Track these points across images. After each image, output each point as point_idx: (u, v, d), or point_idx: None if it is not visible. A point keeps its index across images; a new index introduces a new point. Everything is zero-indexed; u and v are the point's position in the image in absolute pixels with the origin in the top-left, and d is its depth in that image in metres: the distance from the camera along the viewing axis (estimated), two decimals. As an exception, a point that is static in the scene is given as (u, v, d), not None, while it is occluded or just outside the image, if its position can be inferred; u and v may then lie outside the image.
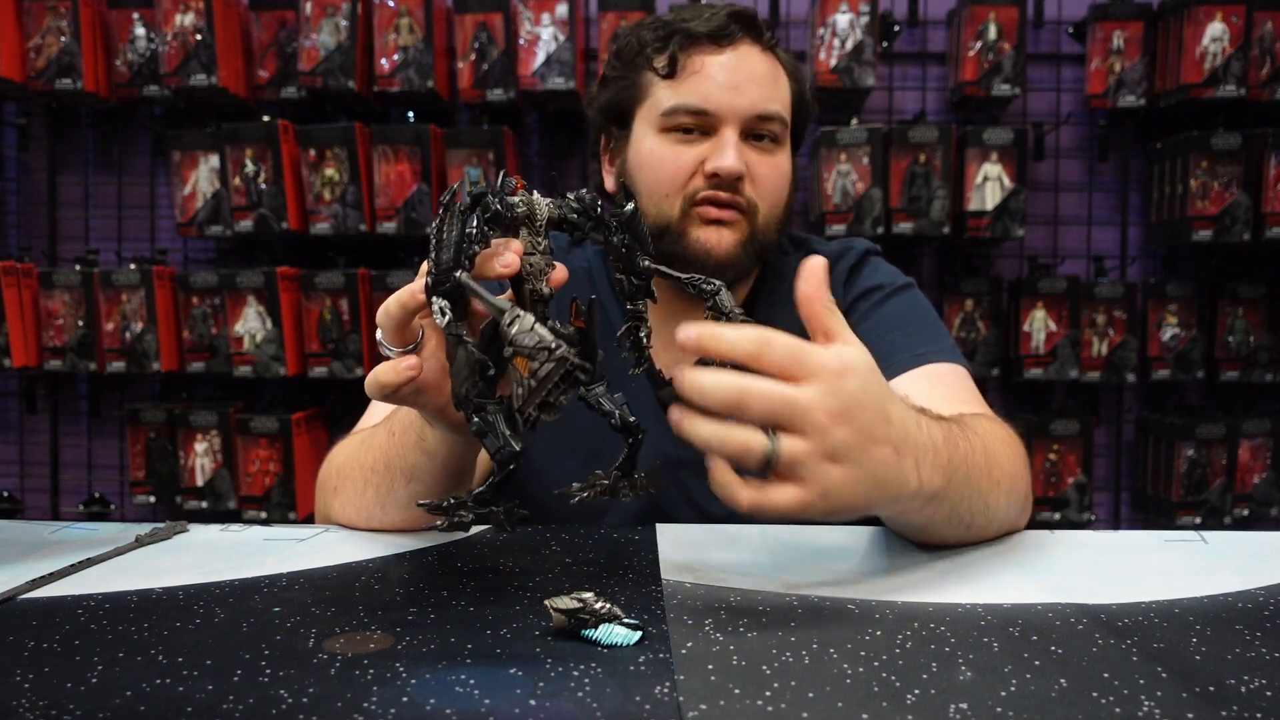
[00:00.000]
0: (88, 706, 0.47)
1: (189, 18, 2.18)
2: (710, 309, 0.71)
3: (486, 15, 2.18)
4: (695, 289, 0.72)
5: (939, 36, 2.35)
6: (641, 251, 0.71)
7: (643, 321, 0.74)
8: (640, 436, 0.71)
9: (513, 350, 0.55)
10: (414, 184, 2.20)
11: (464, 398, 0.61)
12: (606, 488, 0.70)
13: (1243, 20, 2.11)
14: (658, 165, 1.02)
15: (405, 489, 0.80)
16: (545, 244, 0.68)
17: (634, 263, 0.71)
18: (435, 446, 0.77)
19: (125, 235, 2.46)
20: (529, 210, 0.67)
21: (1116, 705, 0.47)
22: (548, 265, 0.67)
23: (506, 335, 0.56)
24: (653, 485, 0.72)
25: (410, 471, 0.79)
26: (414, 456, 0.78)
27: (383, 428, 0.84)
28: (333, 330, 2.26)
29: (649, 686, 0.49)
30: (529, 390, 0.55)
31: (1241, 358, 2.29)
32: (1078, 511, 2.27)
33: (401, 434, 0.79)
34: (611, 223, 0.70)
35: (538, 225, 0.67)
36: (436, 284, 0.61)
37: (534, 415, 0.56)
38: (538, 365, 0.55)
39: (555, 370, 0.55)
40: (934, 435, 0.65)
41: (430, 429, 0.76)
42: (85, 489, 2.51)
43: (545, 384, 0.55)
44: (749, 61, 1.01)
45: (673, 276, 0.72)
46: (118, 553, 0.76)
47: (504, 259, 0.64)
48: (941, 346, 1.02)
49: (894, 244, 2.26)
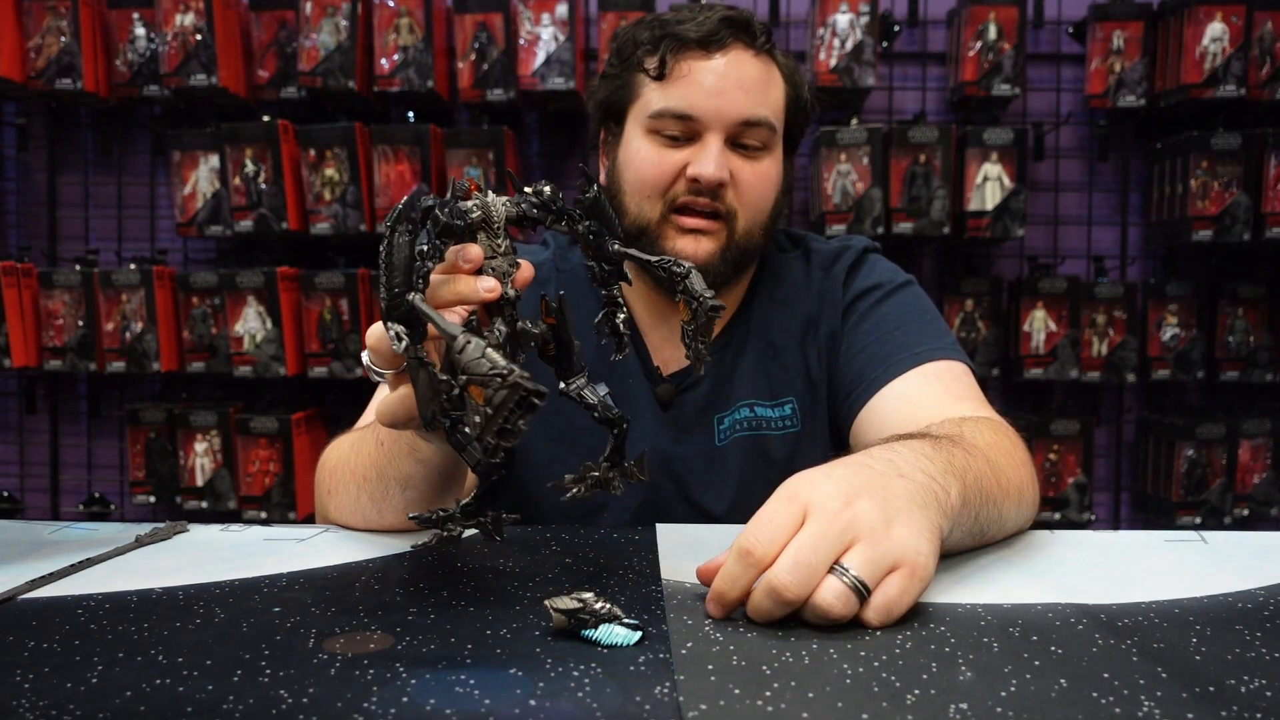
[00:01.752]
0: (88, 706, 0.47)
1: (189, 18, 2.18)
2: (681, 292, 0.69)
3: (486, 15, 2.18)
4: (666, 272, 0.69)
5: (939, 36, 2.35)
6: (610, 235, 0.69)
7: (618, 307, 0.72)
8: (625, 427, 0.70)
9: (466, 379, 0.53)
10: (414, 184, 2.20)
11: (431, 418, 0.59)
12: (597, 480, 0.70)
13: (1243, 20, 2.11)
14: (642, 166, 1.02)
15: (401, 496, 0.80)
16: (505, 244, 0.66)
17: (603, 248, 0.69)
18: (430, 455, 0.77)
19: (125, 235, 2.46)
20: (484, 213, 0.65)
21: (1116, 705, 0.47)
22: (511, 266, 0.66)
23: (459, 363, 0.54)
24: (642, 473, 0.71)
25: (404, 480, 0.79)
26: (407, 466, 0.78)
27: (369, 435, 0.83)
28: (333, 330, 2.26)
29: (649, 686, 0.49)
30: (485, 418, 0.53)
31: (1241, 358, 2.29)
32: (1078, 511, 2.27)
33: (391, 444, 0.79)
34: (575, 212, 0.68)
35: (495, 227, 0.65)
36: (390, 309, 0.59)
37: (493, 443, 0.53)
38: (491, 392, 0.52)
39: (509, 397, 0.52)
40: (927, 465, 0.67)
41: (422, 440, 0.75)
42: (85, 489, 2.51)
43: (501, 411, 0.52)
44: (738, 67, 1.01)
45: (642, 260, 0.70)
46: (118, 553, 0.76)
47: (485, 284, 0.63)
48: (942, 344, 1.02)
49: (894, 244, 2.26)
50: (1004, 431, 0.85)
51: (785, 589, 0.56)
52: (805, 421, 1.07)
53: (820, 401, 1.08)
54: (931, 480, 0.65)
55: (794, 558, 0.56)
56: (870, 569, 0.57)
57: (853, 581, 0.57)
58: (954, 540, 0.69)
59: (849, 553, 0.57)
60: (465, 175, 2.21)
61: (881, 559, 0.58)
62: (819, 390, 1.08)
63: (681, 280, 0.68)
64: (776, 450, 1.06)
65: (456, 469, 0.79)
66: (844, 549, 0.58)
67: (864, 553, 0.57)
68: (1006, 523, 0.77)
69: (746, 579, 0.58)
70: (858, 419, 1.01)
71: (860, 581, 0.57)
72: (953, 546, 0.70)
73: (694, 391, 1.07)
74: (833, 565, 0.57)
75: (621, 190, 1.04)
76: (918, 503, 0.62)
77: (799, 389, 1.08)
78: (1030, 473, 0.83)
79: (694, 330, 0.69)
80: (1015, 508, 0.78)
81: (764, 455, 1.06)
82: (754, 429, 1.06)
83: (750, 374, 1.07)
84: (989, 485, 0.72)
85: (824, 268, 1.11)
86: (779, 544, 0.57)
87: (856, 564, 0.57)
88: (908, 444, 0.70)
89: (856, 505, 0.59)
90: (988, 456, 0.75)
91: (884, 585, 0.58)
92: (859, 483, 0.61)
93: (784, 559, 0.57)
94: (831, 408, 1.08)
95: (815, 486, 0.60)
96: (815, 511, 0.58)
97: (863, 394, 1.01)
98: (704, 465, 1.05)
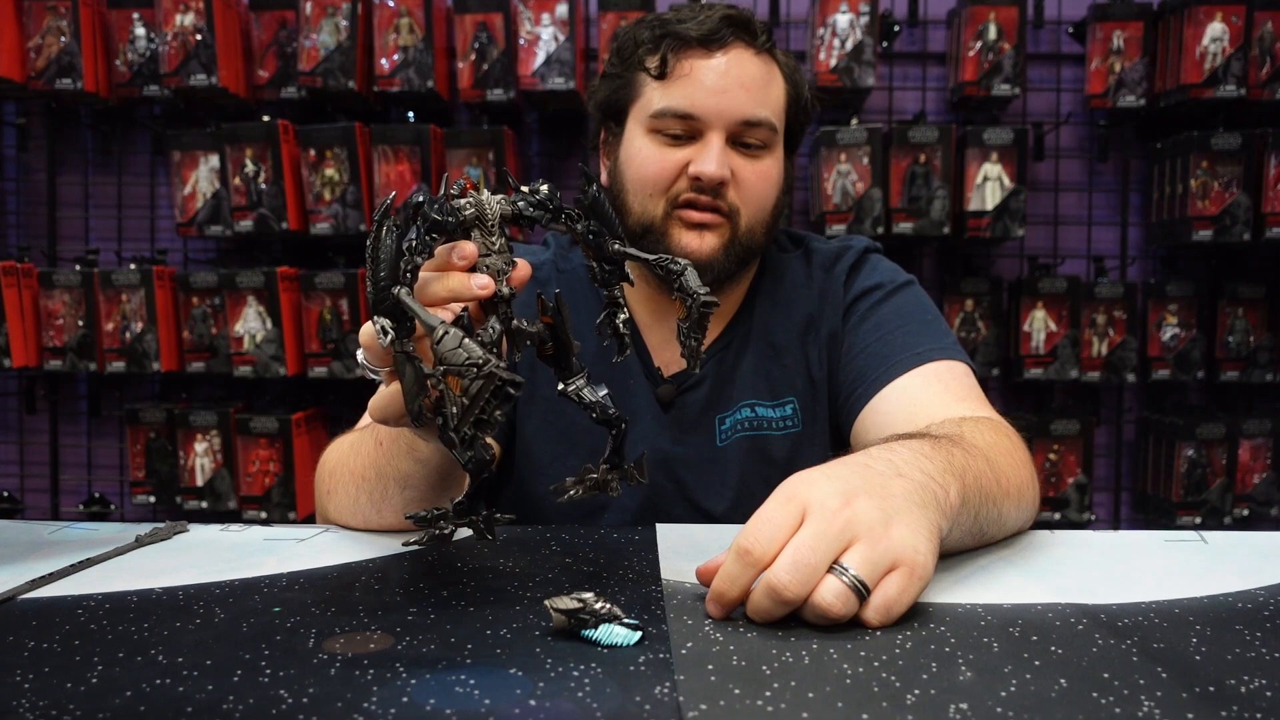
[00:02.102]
0: (88, 706, 0.47)
1: (189, 18, 2.18)
2: (677, 289, 0.68)
3: (486, 15, 2.18)
4: (663, 269, 0.69)
5: (939, 36, 2.35)
6: (610, 235, 0.69)
7: (620, 308, 0.72)
8: (624, 428, 0.70)
9: (444, 369, 0.54)
10: (414, 184, 2.20)
11: (418, 413, 0.59)
12: (596, 482, 0.70)
13: (1243, 20, 2.11)
14: (644, 165, 1.02)
15: (400, 495, 0.80)
16: (500, 243, 0.66)
17: (603, 248, 0.69)
18: (429, 455, 0.77)
19: (125, 235, 2.46)
20: (478, 211, 0.65)
21: (1116, 705, 0.47)
22: (506, 264, 0.65)
23: (437, 353, 0.54)
24: (641, 475, 0.71)
25: (403, 480, 0.79)
26: (406, 465, 0.78)
27: (369, 435, 0.84)
28: (332, 330, 2.26)
29: (649, 686, 0.49)
30: (461, 408, 0.54)
31: (1241, 358, 2.29)
32: (1078, 511, 2.27)
33: (390, 444, 0.79)
34: (574, 211, 0.68)
35: (490, 225, 0.65)
36: (377, 303, 0.59)
37: (469, 433, 0.54)
38: (468, 382, 0.53)
39: (485, 387, 0.53)
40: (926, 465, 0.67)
41: (420, 439, 0.76)
42: (85, 489, 2.50)
43: (477, 401, 0.53)
44: (739, 66, 1.01)
45: (641, 259, 0.70)
46: (118, 553, 0.76)
47: (479, 280, 0.63)
48: (942, 344, 1.02)
49: (894, 244, 2.26)
50: (1004, 431, 0.85)
51: (784, 588, 0.56)
52: (806, 422, 1.07)
53: (821, 402, 1.08)
54: (931, 480, 0.65)
55: (793, 557, 0.56)
56: (869, 568, 0.57)
57: (852, 581, 0.57)
58: (954, 540, 0.69)
59: (848, 552, 0.57)
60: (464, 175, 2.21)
61: (881, 558, 0.58)
62: (820, 390, 1.08)
63: (678, 277, 0.68)
64: (777, 450, 1.06)
65: (455, 469, 0.79)
66: (843, 548, 0.58)
67: (863, 552, 0.57)
68: (1006, 522, 0.77)
69: (745, 578, 0.58)
70: (858, 419, 1.01)
71: (860, 581, 0.57)
72: (952, 546, 0.70)
73: (695, 392, 1.07)
74: (832, 565, 0.57)
75: (624, 189, 1.04)
76: (916, 502, 0.62)
77: (800, 389, 1.08)
78: (1030, 473, 0.83)
79: (689, 326, 0.69)
80: (1015, 507, 0.78)
81: (765, 455, 1.06)
82: (755, 429, 1.06)
83: (751, 374, 1.08)
84: (988, 485, 0.72)
85: (825, 268, 1.11)
86: (778, 543, 0.57)
87: (856, 563, 0.57)
88: (907, 444, 0.70)
89: (855, 505, 0.59)
90: (987, 456, 0.75)
91: (883, 585, 0.58)
92: (858, 482, 0.61)
93: (783, 558, 0.57)
94: (832, 408, 1.08)
95: (814, 486, 0.60)
96: (814, 511, 0.58)
97: (863, 394, 1.01)
98: (704, 466, 1.05)
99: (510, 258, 0.66)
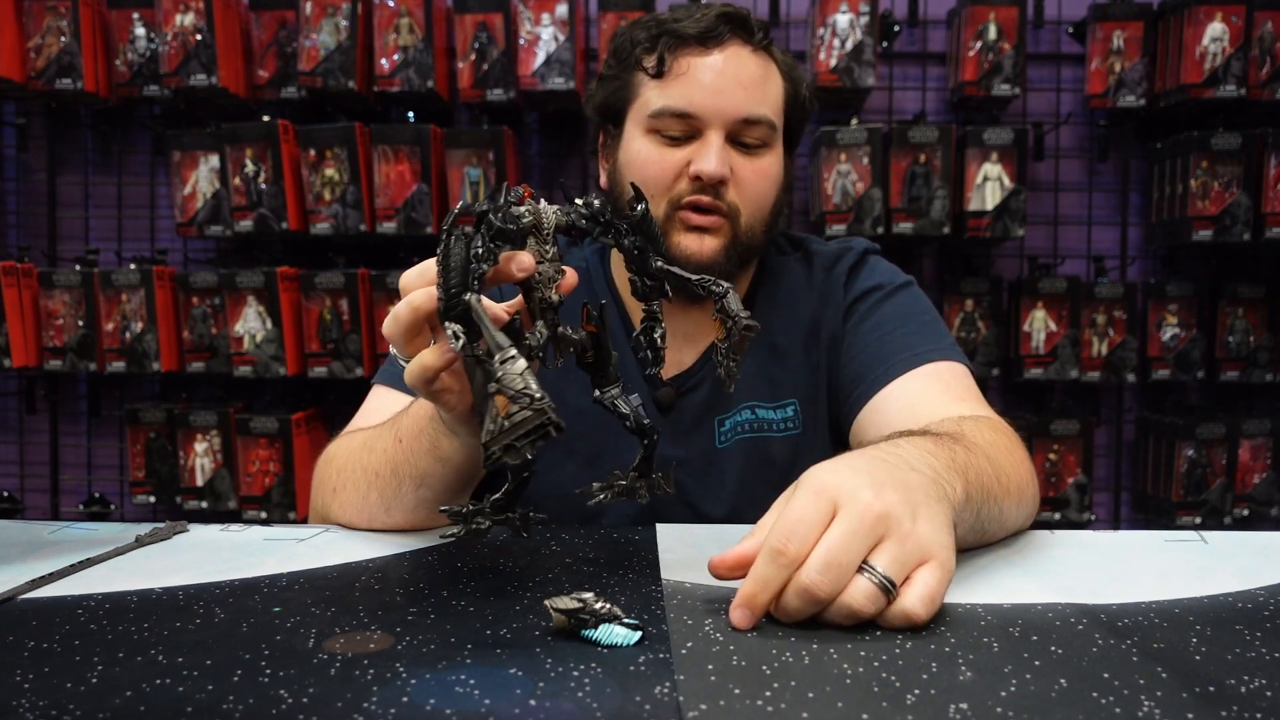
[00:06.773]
0: (88, 706, 0.47)
1: (189, 18, 2.18)
2: (719, 311, 0.72)
3: (486, 15, 2.18)
4: (705, 290, 0.72)
5: (939, 36, 2.35)
6: (654, 252, 0.72)
7: (657, 322, 0.74)
8: (656, 438, 0.72)
9: (497, 387, 0.55)
10: (414, 184, 2.20)
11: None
12: (624, 489, 0.72)
13: (1243, 20, 2.11)
14: (644, 166, 1.02)
15: (414, 494, 0.80)
16: (553, 251, 0.68)
17: (647, 264, 0.72)
18: (451, 454, 0.77)
19: (125, 235, 2.46)
20: (536, 219, 0.67)
21: (1116, 705, 0.47)
22: (556, 273, 0.68)
23: (495, 371, 0.56)
24: (668, 484, 0.73)
25: (421, 478, 0.79)
26: (426, 463, 0.78)
27: (387, 432, 0.83)
28: (333, 330, 2.26)
29: (649, 686, 0.49)
30: (500, 430, 0.55)
31: (1241, 358, 2.29)
32: (1078, 511, 2.27)
33: (411, 441, 0.79)
34: (621, 226, 0.71)
35: (545, 234, 0.67)
36: (448, 309, 0.61)
37: (498, 455, 0.55)
38: (516, 410, 0.55)
39: (531, 420, 0.54)
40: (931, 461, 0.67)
41: (445, 438, 0.76)
42: (85, 489, 2.51)
43: (517, 429, 0.55)
44: (737, 64, 1.01)
45: (683, 277, 0.72)
46: (118, 553, 0.76)
47: (519, 261, 0.64)
48: (941, 345, 1.02)
49: (894, 244, 2.26)
50: (1003, 430, 0.86)
51: (817, 588, 0.55)
52: (807, 423, 1.07)
53: (821, 403, 1.08)
54: (938, 475, 0.65)
55: (825, 558, 0.56)
56: (898, 567, 0.57)
57: (880, 580, 0.56)
58: (958, 537, 0.69)
59: (877, 550, 0.57)
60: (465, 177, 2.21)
61: (909, 555, 0.58)
62: (820, 392, 1.08)
63: (719, 300, 0.71)
64: (778, 452, 1.06)
65: (474, 472, 0.80)
66: (873, 545, 0.57)
67: (891, 550, 0.57)
68: (1007, 520, 0.77)
69: (779, 580, 0.57)
70: (858, 419, 1.01)
71: (888, 579, 0.56)
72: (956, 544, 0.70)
73: (694, 395, 1.07)
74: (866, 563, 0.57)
75: (625, 191, 1.04)
76: (934, 496, 0.62)
77: (801, 390, 1.08)
78: (1030, 472, 0.83)
79: (728, 348, 0.72)
80: (1015, 506, 0.78)
81: (765, 457, 1.06)
82: (755, 431, 1.06)
83: (752, 376, 1.07)
84: (990, 483, 0.72)
85: (825, 269, 1.11)
86: (811, 541, 0.56)
87: (884, 563, 0.57)
88: (911, 440, 0.70)
89: (885, 498, 0.58)
90: (988, 454, 0.75)
91: (921, 577, 0.58)
92: (883, 475, 0.61)
93: (815, 558, 0.56)
94: (832, 408, 1.08)
95: (842, 477, 0.59)
96: (846, 506, 0.57)
97: (863, 394, 1.01)
98: (703, 469, 1.05)
99: (560, 266, 0.68)
